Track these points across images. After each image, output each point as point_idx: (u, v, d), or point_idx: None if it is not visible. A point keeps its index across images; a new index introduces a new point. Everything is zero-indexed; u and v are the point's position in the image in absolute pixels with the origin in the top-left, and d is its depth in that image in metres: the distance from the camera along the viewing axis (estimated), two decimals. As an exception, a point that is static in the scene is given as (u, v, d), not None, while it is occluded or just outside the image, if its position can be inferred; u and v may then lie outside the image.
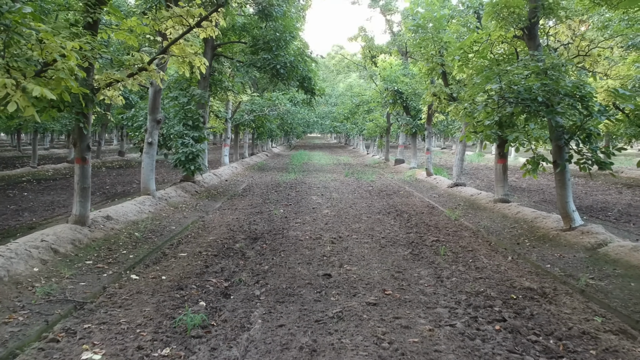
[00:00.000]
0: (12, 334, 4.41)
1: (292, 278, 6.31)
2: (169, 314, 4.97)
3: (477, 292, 5.80)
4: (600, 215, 11.23)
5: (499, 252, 7.84)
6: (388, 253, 7.67)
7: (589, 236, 7.77)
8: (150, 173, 11.43)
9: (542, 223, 9.08)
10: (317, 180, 18.85)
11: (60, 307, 5.10)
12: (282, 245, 8.14)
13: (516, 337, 4.50)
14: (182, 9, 7.63)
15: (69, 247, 7.12)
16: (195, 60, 8.03)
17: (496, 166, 11.86)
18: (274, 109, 25.20)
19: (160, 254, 7.51)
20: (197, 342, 4.35)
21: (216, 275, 6.36)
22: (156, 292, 5.69)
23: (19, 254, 6.19)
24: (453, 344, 4.34)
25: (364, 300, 5.44)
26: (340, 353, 4.13)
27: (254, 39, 15.03)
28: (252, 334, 4.53)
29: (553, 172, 8.85)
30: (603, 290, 5.80)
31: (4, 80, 5.12)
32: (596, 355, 4.16)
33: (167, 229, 9.22)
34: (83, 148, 8.12)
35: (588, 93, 7.50)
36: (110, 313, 5.04)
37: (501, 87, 7.26)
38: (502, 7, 8.60)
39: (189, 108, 13.57)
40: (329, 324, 4.78)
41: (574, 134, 7.98)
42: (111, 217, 8.94)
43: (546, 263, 7.04)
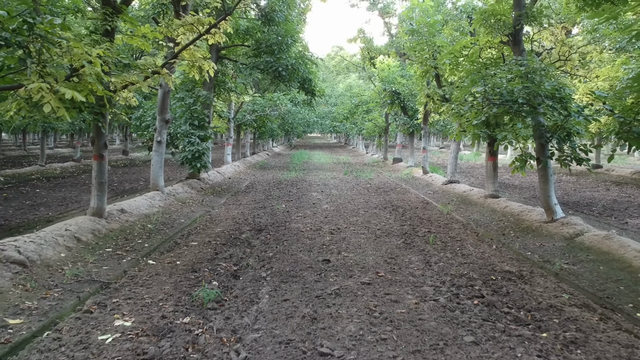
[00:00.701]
0: (51, 307, 5.06)
1: (295, 263, 6.96)
2: (186, 291, 5.62)
3: (461, 274, 6.46)
4: (585, 209, 11.87)
5: (485, 242, 8.50)
6: (382, 242, 8.32)
7: (568, 227, 8.42)
8: (159, 170, 12.08)
9: (527, 216, 9.73)
10: (317, 178, 19.50)
11: (89, 286, 5.75)
12: (284, 235, 8.79)
13: (491, 310, 5.16)
14: (193, 17, 8.28)
15: (89, 236, 7.77)
16: (204, 65, 8.67)
17: (487, 164, 12.51)
18: (275, 109, 25.88)
19: (172, 243, 8.17)
20: (213, 312, 5.01)
21: (226, 261, 7.01)
22: (173, 274, 6.35)
23: (47, 241, 6.84)
24: (435, 314, 5.00)
25: (359, 281, 6.10)
26: (337, 321, 4.79)
27: (257, 43, 15.69)
28: (261, 306, 5.19)
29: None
30: (574, 273, 6.46)
31: (40, 85, 5.78)
32: (558, 323, 4.81)
33: (177, 222, 9.87)
34: (100, 146, 8.78)
35: (566, 95, 8.16)
36: (134, 291, 5.69)
37: (485, 89, 7.91)
38: (490, 14, 9.25)
39: (195, 108, 14.24)
40: (328, 299, 5.43)
41: (555, 133, 8.63)
42: (125, 210, 9.60)
43: (527, 251, 7.70)
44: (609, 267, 6.56)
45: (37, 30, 6.04)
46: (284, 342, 4.30)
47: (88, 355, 4.02)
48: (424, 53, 13.83)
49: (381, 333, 4.51)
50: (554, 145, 8.90)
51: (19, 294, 5.27)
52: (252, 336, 4.43)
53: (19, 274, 5.75)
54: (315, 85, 17.40)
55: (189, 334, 4.45)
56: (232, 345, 4.24)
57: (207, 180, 16.00)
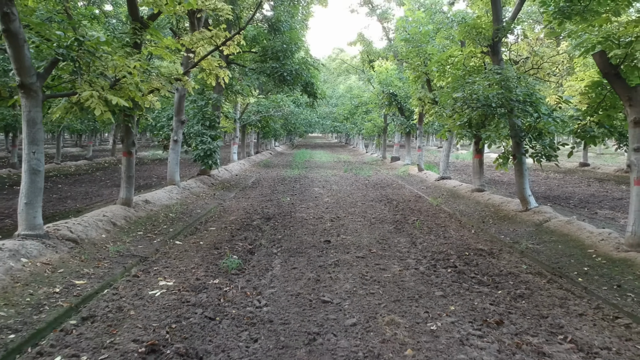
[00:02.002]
0: (105, 273, 6.28)
1: (300, 243, 8.18)
2: (212, 262, 6.85)
3: (440, 251, 7.68)
4: (563, 202, 13.07)
5: (466, 228, 9.72)
6: (376, 228, 9.54)
7: (539, 215, 9.63)
8: (175, 166, 13.31)
9: (506, 206, 10.94)
10: (319, 175, 20.72)
11: (130, 259, 6.97)
12: (291, 222, 10.01)
13: (460, 275, 6.37)
14: (211, 32, 9.51)
15: (122, 221, 9.00)
16: (220, 72, 9.90)
17: (474, 161, 13.73)
18: (279, 110, 27.11)
19: (193, 229, 9.39)
20: (236, 277, 6.23)
21: (242, 241, 8.24)
22: (198, 250, 7.57)
23: (90, 224, 8.07)
24: (414, 278, 6.22)
25: (354, 255, 7.33)
26: (335, 281, 6.02)
27: (264, 49, 16.92)
28: (274, 272, 6.41)
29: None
30: (537, 251, 7.67)
31: (91, 92, 7.01)
32: (512, 284, 6.02)
33: (194, 212, 11.09)
34: (129, 144, 10.00)
35: (536, 99, 9.37)
36: (169, 262, 6.92)
37: (464, 95, 9.12)
38: (472, 28, 10.46)
39: (207, 110, 15.47)
40: (328, 268, 6.65)
41: (528, 132, 9.84)
42: (149, 201, 10.82)
43: (501, 234, 8.92)
44: (566, 245, 7.78)
45: (85, 46, 7.27)
46: (294, 295, 5.53)
47: (144, 303, 5.24)
48: (416, 60, 15.05)
49: (370, 289, 5.73)
50: (527, 144, 10.09)
51: (77, 264, 6.50)
52: (269, 291, 5.65)
53: (74, 249, 6.98)
54: (317, 88, 18.64)
55: (219, 290, 5.68)
56: (254, 297, 5.46)
57: (216, 177, 17.23)
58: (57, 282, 5.76)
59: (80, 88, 7.12)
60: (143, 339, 4.26)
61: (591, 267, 6.66)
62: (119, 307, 5.09)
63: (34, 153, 6.97)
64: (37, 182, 7.02)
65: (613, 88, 7.21)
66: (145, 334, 4.41)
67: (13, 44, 6.58)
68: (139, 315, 4.88)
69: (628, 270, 6.33)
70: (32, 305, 4.99)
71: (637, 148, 6.94)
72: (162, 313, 4.94)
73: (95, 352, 4.06)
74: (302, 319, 4.84)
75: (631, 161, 7.03)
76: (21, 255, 6.17)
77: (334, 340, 4.32)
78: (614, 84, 7.09)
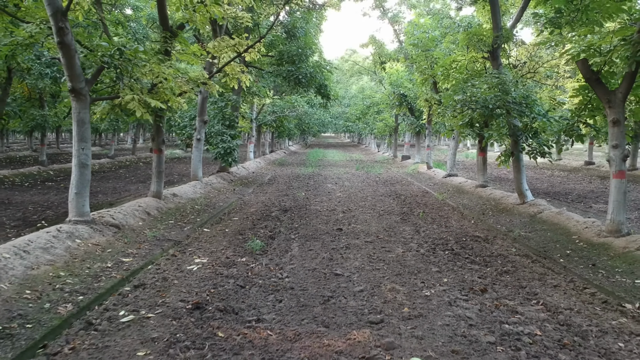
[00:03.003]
0: (146, 253, 7.27)
1: (315, 230, 9.12)
2: (238, 245, 7.82)
3: (441, 238, 8.58)
4: (562, 197, 13.87)
5: (467, 219, 10.60)
6: (384, 218, 10.45)
7: (534, 207, 10.48)
8: (198, 163, 14.32)
9: (505, 200, 11.80)
10: (332, 173, 21.66)
11: (166, 243, 7.96)
12: (306, 214, 10.95)
13: (455, 256, 7.28)
14: (235, 40, 10.48)
15: (155, 211, 10.01)
16: (242, 77, 10.87)
17: (478, 159, 14.58)
18: (293, 110, 28.11)
19: (218, 219, 10.37)
20: (260, 256, 7.19)
21: (262, 229, 9.20)
22: (225, 236, 8.55)
23: (128, 213, 9.08)
24: (415, 258, 7.14)
25: (363, 240, 8.26)
26: (346, 260, 6.95)
27: (280, 53, 17.89)
28: (293, 253, 7.37)
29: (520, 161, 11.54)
30: (528, 237, 8.54)
31: (132, 96, 8.01)
32: (500, 263, 6.91)
33: (217, 205, 12.08)
34: (159, 142, 11.01)
35: (532, 101, 10.23)
36: (201, 245, 7.90)
37: (464, 97, 10.01)
38: (473, 35, 11.33)
39: (226, 111, 16.49)
40: (340, 250, 7.59)
41: (525, 132, 10.69)
42: (176, 194, 11.84)
43: (498, 224, 9.79)
44: (554, 233, 8.64)
45: (125, 55, 8.27)
46: (311, 269, 6.48)
47: (185, 275, 6.21)
48: (423, 64, 15.94)
49: (376, 266, 6.67)
50: (524, 142, 10.93)
51: (121, 245, 7.50)
52: (289, 267, 6.61)
53: (117, 233, 7.99)
54: (330, 90, 19.59)
55: (246, 266, 6.64)
56: (277, 271, 6.41)
57: (235, 174, 18.25)
58: (108, 259, 6.76)
59: (123, 92, 8.12)
60: (188, 299, 5.23)
61: (573, 250, 7.53)
62: (164, 278, 6.07)
63: (83, 149, 7.98)
64: (86, 175, 8.02)
65: (595, 91, 8.06)
66: (189, 296, 5.38)
67: (66, 54, 7.60)
68: (181, 284, 5.85)
69: (604, 252, 7.20)
70: (91, 276, 5.99)
71: (615, 145, 7.78)
72: (200, 282, 5.91)
73: (151, 308, 5.03)
74: (318, 287, 5.78)
75: (610, 157, 7.87)
76: (75, 237, 7.18)
77: (344, 301, 5.26)
78: (595, 87, 7.94)
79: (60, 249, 6.59)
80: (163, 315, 4.83)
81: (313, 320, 4.74)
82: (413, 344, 4.19)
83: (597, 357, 4.03)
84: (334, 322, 4.71)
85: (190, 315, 4.83)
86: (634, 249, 6.94)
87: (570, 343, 4.26)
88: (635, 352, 4.13)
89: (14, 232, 8.77)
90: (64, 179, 17.65)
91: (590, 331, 4.54)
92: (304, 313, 4.94)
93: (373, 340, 4.24)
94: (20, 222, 9.73)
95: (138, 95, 8.05)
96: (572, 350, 4.15)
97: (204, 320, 4.69)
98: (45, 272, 5.85)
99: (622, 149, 7.75)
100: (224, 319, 4.75)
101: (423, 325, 4.61)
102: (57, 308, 4.94)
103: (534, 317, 4.87)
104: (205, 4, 8.86)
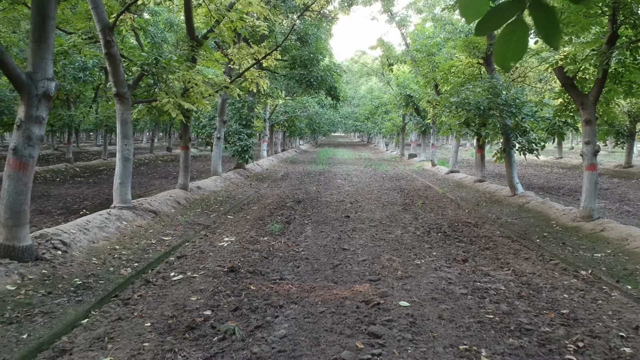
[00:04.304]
0: (182, 234, 8.53)
1: (326, 217, 10.35)
2: (260, 228, 9.07)
3: (436, 223, 9.78)
4: (554, 191, 14.99)
5: (462, 209, 11.78)
6: (387, 208, 11.66)
7: (523, 198, 11.64)
8: (218, 160, 15.61)
9: (499, 193, 12.96)
10: (341, 170, 22.89)
11: (197, 227, 9.22)
12: (317, 204, 12.18)
13: (446, 237, 8.47)
14: (254, 48, 11.74)
15: (184, 201, 11.29)
16: (260, 82, 12.12)
17: (476, 156, 15.74)
18: (304, 110, 29.37)
19: (239, 208, 11.63)
20: (279, 236, 8.43)
21: (279, 216, 10.44)
22: (247, 221, 9.80)
23: (162, 202, 10.36)
24: (411, 238, 8.35)
25: (368, 225, 9.48)
26: (352, 239, 8.18)
27: (293, 58, 19.14)
28: (307, 234, 8.61)
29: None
30: (513, 223, 9.72)
31: (168, 99, 9.28)
32: (484, 242, 8.10)
33: (237, 197, 13.34)
34: (186, 139, 12.28)
35: (520, 103, 11.38)
36: (227, 228, 9.16)
37: (459, 100, 11.19)
38: (469, 42, 12.51)
39: (243, 111, 17.77)
40: (347, 232, 8.82)
41: (515, 130, 11.84)
42: (200, 187, 13.12)
43: (489, 213, 10.96)
44: (536, 219, 9.82)
45: (161, 64, 9.54)
46: (322, 246, 7.71)
47: (217, 249, 7.47)
48: (425, 67, 17.13)
49: (377, 244, 7.89)
50: (514, 139, 12.09)
51: (160, 227, 8.78)
52: (304, 244, 7.85)
53: (155, 218, 9.27)
54: (340, 92, 20.82)
55: (268, 243, 7.88)
56: (294, 247, 7.66)
57: (250, 170, 19.54)
58: (151, 237, 8.04)
59: (159, 96, 9.40)
60: (223, 265, 6.48)
61: (549, 232, 8.71)
62: (200, 251, 7.34)
63: (126, 145, 9.26)
64: (128, 167, 9.31)
65: (570, 95, 9.22)
66: (224, 263, 6.63)
67: (112, 63, 8.88)
68: (216, 255, 7.11)
69: (574, 234, 8.38)
70: (141, 249, 7.27)
71: (587, 142, 8.93)
72: (231, 254, 7.17)
73: (194, 271, 6.29)
74: (328, 257, 7.02)
75: (583, 152, 9.03)
76: (122, 219, 8.47)
77: (350, 267, 6.49)
78: (570, 91, 9.10)
79: (112, 228, 7.88)
80: (205, 275, 6.09)
81: (324, 279, 5.98)
82: (402, 294, 5.40)
83: (544, 303, 5.22)
84: (341, 280, 5.94)
85: (227, 275, 6.08)
86: (598, 230, 8.11)
87: (526, 295, 5.46)
88: (575, 300, 5.32)
89: (61, 218, 10.05)
90: (91, 175, 19.02)
91: (545, 287, 5.74)
92: (317, 274, 6.18)
93: (371, 291, 5.46)
94: (64, 210, 11.03)
95: (173, 99, 9.32)
96: (526, 299, 5.34)
97: (238, 279, 5.94)
98: (104, 245, 7.14)
99: (593, 145, 8.91)
100: (254, 278, 5.99)
101: (411, 283, 5.83)
102: (119, 271, 6.22)
103: (502, 279, 6.07)
104: (232, 20, 10.10)
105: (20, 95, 5.78)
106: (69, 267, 6.02)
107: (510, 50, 1.52)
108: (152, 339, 4.19)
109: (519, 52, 1.56)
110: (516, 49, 1.51)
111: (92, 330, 4.43)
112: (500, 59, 1.62)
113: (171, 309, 4.91)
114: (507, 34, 1.56)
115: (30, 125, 5.75)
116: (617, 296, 5.46)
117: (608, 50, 8.20)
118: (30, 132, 5.76)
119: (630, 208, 11.68)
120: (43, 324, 4.51)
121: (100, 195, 13.59)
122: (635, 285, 5.79)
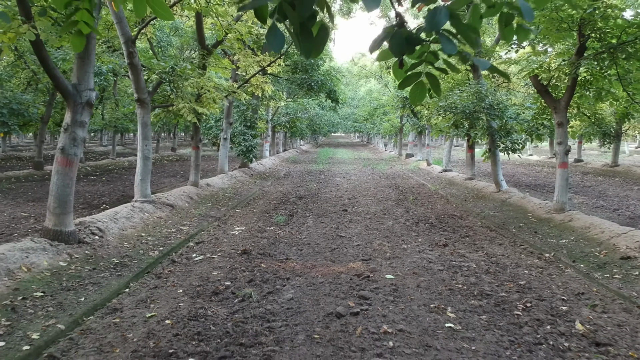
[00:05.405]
0: (197, 224, 9.59)
1: (325, 211, 11.41)
2: (266, 220, 10.13)
3: (425, 216, 10.84)
4: (539, 189, 16.04)
5: (450, 204, 12.83)
6: (382, 203, 12.71)
7: (507, 194, 12.69)
8: (225, 159, 16.68)
9: (486, 190, 14.01)
10: (340, 169, 23.96)
11: (210, 219, 10.28)
12: (318, 200, 13.24)
13: (432, 227, 9.53)
14: (259, 57, 12.79)
15: (196, 197, 12.35)
16: (265, 87, 13.17)
17: (466, 155, 16.79)
18: (305, 112, 30.47)
19: (246, 203, 12.69)
20: (284, 226, 9.49)
21: (283, 210, 11.50)
22: (255, 214, 10.86)
23: (176, 197, 11.42)
24: (401, 228, 9.41)
25: (363, 217, 10.54)
26: (348, 229, 9.24)
27: (294, 63, 20.22)
28: (308, 225, 9.67)
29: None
30: (494, 216, 10.77)
31: (184, 104, 10.34)
32: (465, 231, 9.15)
33: (243, 193, 14.40)
34: (197, 140, 13.34)
35: (503, 107, 12.44)
36: (237, 219, 10.22)
37: (446, 104, 12.24)
38: (458, 51, 13.52)
39: (247, 113, 18.84)
40: (344, 223, 9.88)
41: (499, 131, 12.89)
42: (210, 184, 14.18)
43: (474, 207, 12.01)
44: (515, 212, 10.87)
45: (177, 72, 10.60)
46: (322, 234, 8.77)
47: (230, 237, 8.53)
48: (419, 73, 18.13)
49: (370, 232, 8.95)
50: (499, 140, 13.14)
51: (177, 219, 9.84)
52: (306, 232, 8.91)
53: (172, 211, 10.33)
54: (339, 95, 21.90)
55: (274, 232, 8.94)
56: (297, 235, 8.71)
57: (254, 169, 20.60)
58: (171, 226, 9.10)
59: (176, 101, 10.46)
60: (237, 249, 7.54)
61: (525, 223, 9.76)
62: (216, 238, 8.40)
63: (146, 145, 10.31)
64: (148, 165, 10.36)
65: (544, 100, 10.27)
66: (237, 247, 7.69)
67: (134, 72, 9.94)
68: (229, 241, 8.17)
69: (546, 224, 9.43)
70: (163, 237, 8.33)
71: (559, 142, 9.98)
72: (243, 240, 8.23)
73: (213, 253, 7.34)
74: (327, 243, 8.08)
75: (556, 151, 10.08)
76: (145, 211, 9.53)
77: (345, 250, 7.56)
78: (544, 97, 10.15)
79: (137, 218, 8.94)
80: (222, 256, 7.15)
81: (324, 259, 7.04)
82: (389, 270, 6.46)
83: (507, 277, 6.28)
84: (338, 259, 7.01)
85: (241, 256, 7.14)
86: (567, 221, 9.16)
87: (493, 271, 6.51)
88: (534, 275, 6.37)
89: (85, 212, 11.09)
90: (102, 174, 20.07)
91: (509, 265, 6.80)
92: (317, 256, 7.24)
93: (363, 267, 6.52)
94: (85, 205, 12.07)
95: (188, 104, 10.38)
96: (492, 274, 6.40)
97: (250, 259, 7.00)
98: (132, 233, 8.20)
99: (564, 145, 9.96)
100: (263, 258, 7.05)
101: (397, 262, 6.89)
102: (148, 253, 7.28)
103: (475, 259, 7.12)
104: (241, 34, 11.17)
105: (67, 103, 6.84)
106: (106, 249, 7.08)
107: (417, 96, 2.64)
108: (185, 301, 5.25)
109: (421, 97, 2.71)
110: (420, 96, 2.65)
111: (134, 295, 5.49)
112: (412, 100, 2.81)
113: (197, 280, 5.98)
114: (414, 88, 2.76)
115: (75, 128, 6.81)
116: (569, 272, 6.52)
117: (577, 60, 9.25)
118: (75, 134, 6.82)
119: (605, 203, 12.72)
120: (94, 291, 5.56)
121: (116, 192, 14.63)
122: (587, 264, 6.85)
